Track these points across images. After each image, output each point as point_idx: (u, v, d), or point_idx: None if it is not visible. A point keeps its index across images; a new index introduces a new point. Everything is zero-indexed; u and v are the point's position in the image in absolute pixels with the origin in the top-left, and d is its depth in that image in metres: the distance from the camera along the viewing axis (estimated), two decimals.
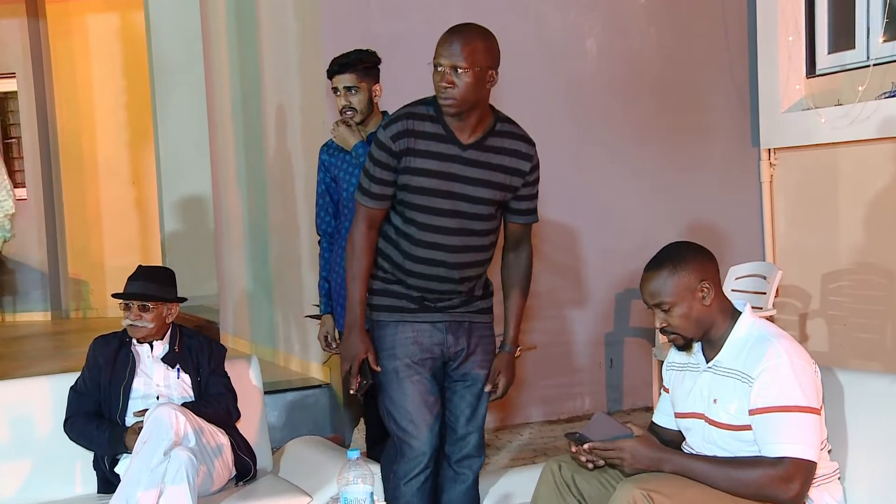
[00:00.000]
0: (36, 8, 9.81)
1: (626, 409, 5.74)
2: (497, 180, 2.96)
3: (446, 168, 2.91)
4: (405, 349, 3.01)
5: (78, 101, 9.92)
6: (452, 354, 3.07)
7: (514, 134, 3.01)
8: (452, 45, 2.84)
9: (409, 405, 2.99)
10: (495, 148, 2.95)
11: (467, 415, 3.10)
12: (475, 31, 2.88)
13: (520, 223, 3.11)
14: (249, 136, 6.64)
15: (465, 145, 2.92)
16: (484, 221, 3.00)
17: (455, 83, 2.82)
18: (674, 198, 5.84)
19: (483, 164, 2.93)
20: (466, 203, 2.94)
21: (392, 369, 3.01)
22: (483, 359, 3.10)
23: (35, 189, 10.00)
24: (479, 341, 3.10)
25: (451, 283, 3.02)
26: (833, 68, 5.45)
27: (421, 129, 2.91)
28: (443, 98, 2.85)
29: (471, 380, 3.10)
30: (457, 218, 2.94)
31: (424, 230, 2.95)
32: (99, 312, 9.87)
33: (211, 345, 3.73)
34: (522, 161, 3.00)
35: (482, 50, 2.85)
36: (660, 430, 2.82)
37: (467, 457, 3.12)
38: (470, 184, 2.92)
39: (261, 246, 6.52)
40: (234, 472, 3.53)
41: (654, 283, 2.61)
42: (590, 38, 5.70)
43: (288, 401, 5.33)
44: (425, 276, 2.99)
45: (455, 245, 2.97)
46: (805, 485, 2.46)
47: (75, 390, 3.55)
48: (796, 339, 2.63)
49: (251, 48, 6.43)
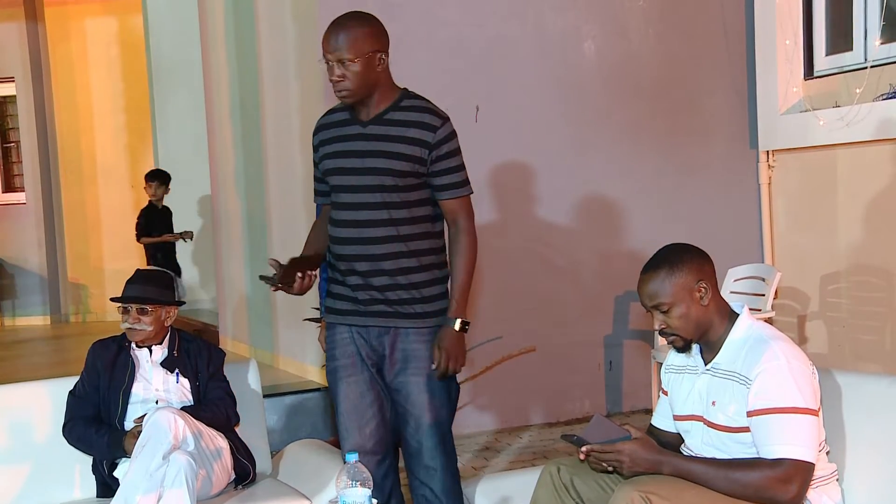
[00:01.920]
0: (35, 12, 9.82)
1: (626, 411, 5.74)
2: (397, 150, 2.96)
3: (349, 147, 3.01)
4: (343, 349, 3.08)
5: (77, 105, 9.93)
6: (377, 360, 3.07)
7: (421, 108, 3.02)
8: (336, 38, 2.89)
9: (342, 406, 3.08)
10: (396, 121, 2.99)
11: (411, 425, 3.05)
12: (356, 20, 2.93)
13: (445, 199, 3.06)
14: (248, 139, 6.65)
15: (366, 122, 3.00)
16: (388, 193, 2.98)
17: (345, 75, 2.89)
18: (672, 200, 5.85)
19: (382, 137, 2.98)
20: (363, 176, 2.98)
21: (332, 370, 3.11)
22: (416, 366, 3.03)
23: (34, 193, 10.00)
24: (409, 349, 3.03)
25: (369, 262, 3.00)
26: (831, 70, 5.46)
27: (331, 120, 3.09)
28: (337, 91, 2.93)
29: (401, 389, 3.04)
30: (362, 193, 2.99)
31: (338, 209, 3.04)
32: (98, 316, 9.87)
33: (210, 349, 3.73)
34: (426, 131, 2.97)
35: (364, 37, 2.90)
36: (658, 433, 2.82)
37: (425, 467, 3.07)
38: (367, 156, 2.98)
39: (260, 249, 6.52)
40: (234, 476, 3.52)
41: (652, 284, 2.61)
42: (588, 39, 5.71)
43: (287, 404, 5.34)
44: (345, 256, 3.03)
45: (362, 220, 3.00)
46: (803, 486, 2.46)
47: (74, 395, 3.55)
48: (795, 342, 2.63)
49: (249, 51, 6.44)
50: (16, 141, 10.23)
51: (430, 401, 3.04)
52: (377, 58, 2.92)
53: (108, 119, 9.88)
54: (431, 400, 3.04)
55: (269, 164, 6.30)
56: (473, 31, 5.43)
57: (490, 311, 5.41)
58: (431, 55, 5.33)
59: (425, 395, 3.03)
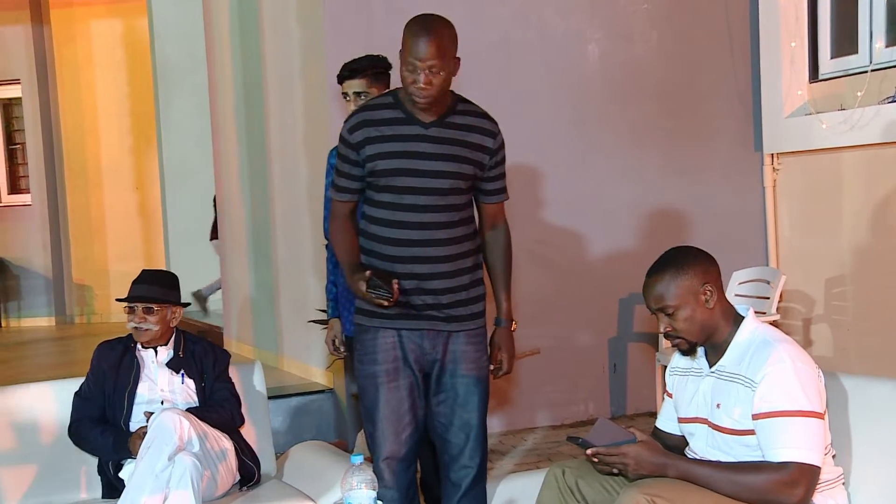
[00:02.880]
0: (41, 14, 9.85)
1: (630, 413, 5.73)
2: (463, 154, 2.99)
3: (411, 147, 2.96)
4: (385, 354, 3.03)
5: (82, 107, 9.95)
6: (428, 364, 3.05)
7: (477, 112, 3.07)
8: (427, 46, 2.86)
9: (382, 412, 3.03)
10: (458, 125, 3.00)
11: (456, 425, 3.08)
12: (445, 27, 2.94)
13: (493, 203, 3.14)
14: (253, 142, 6.65)
15: (428, 124, 2.98)
16: (450, 196, 2.99)
17: (432, 82, 2.88)
18: (677, 203, 5.84)
19: (447, 140, 2.97)
20: (433, 179, 2.97)
21: (371, 374, 3.05)
22: (466, 367, 3.06)
23: (39, 195, 10.02)
24: (459, 350, 3.06)
25: (429, 264, 2.99)
26: (836, 73, 5.45)
27: (379, 116, 2.99)
28: (419, 96, 2.91)
29: (451, 390, 3.06)
30: (423, 195, 2.97)
31: (395, 210, 2.99)
32: (103, 318, 9.89)
33: (215, 350, 3.74)
34: (486, 137, 3.04)
35: (451, 44, 2.93)
36: (663, 436, 2.81)
37: (462, 467, 3.10)
38: (435, 159, 2.96)
39: (264, 251, 6.53)
40: (238, 477, 3.53)
41: (657, 287, 2.61)
42: (591, 43, 5.71)
43: (291, 406, 5.34)
44: (403, 258, 2.99)
45: (423, 222, 2.98)
46: (809, 490, 2.45)
47: (80, 395, 3.56)
48: (800, 345, 2.63)
49: (254, 54, 6.45)
50: (21, 143, 10.25)
51: (478, 402, 3.09)
52: (456, 62, 2.95)
53: (113, 121, 9.90)
54: (478, 401, 3.09)
55: (274, 165, 6.30)
56: (477, 34, 5.42)
57: (493, 313, 5.40)
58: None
59: (475, 397, 3.08)
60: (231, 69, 6.90)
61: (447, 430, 3.08)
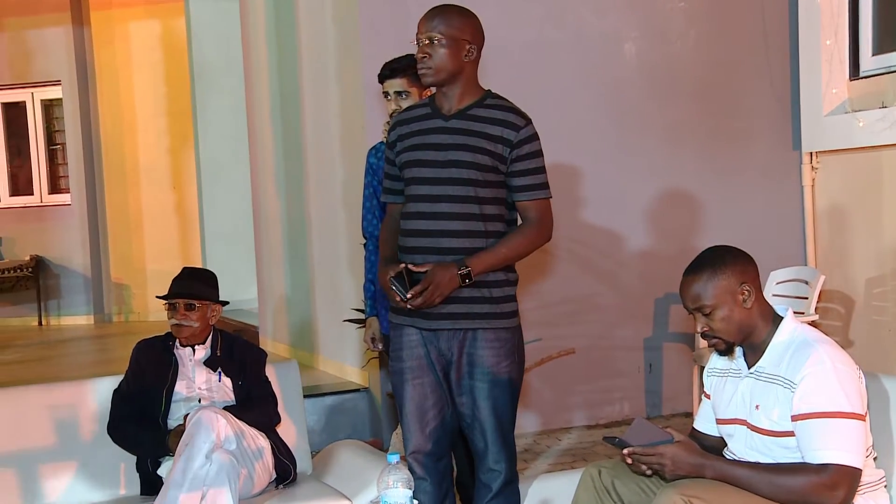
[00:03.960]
0: (81, 16, 9.95)
1: (666, 414, 5.70)
2: (478, 145, 2.95)
3: (430, 140, 3.00)
4: (410, 351, 3.05)
5: (120, 108, 10.05)
6: (445, 365, 3.03)
7: (505, 106, 3.02)
8: (430, 19, 2.97)
9: (407, 407, 3.07)
10: (480, 117, 2.98)
11: (477, 429, 3.04)
12: (453, 8, 3.03)
13: (521, 199, 3.02)
14: (288, 141, 6.69)
15: (449, 116, 3.00)
16: (463, 186, 2.94)
17: (430, 53, 2.94)
18: (714, 202, 5.79)
19: (464, 131, 2.97)
20: (444, 168, 2.96)
21: (398, 370, 3.09)
22: (482, 371, 2.99)
23: (78, 194, 10.13)
24: (476, 354, 2.98)
25: (436, 255, 2.93)
26: (877, 70, 5.37)
27: (411, 115, 3.08)
28: (420, 68, 2.98)
29: (468, 393, 3.01)
30: (437, 185, 2.97)
31: (413, 201, 3.02)
32: (140, 316, 9.98)
33: (252, 349, 3.77)
34: (509, 130, 2.96)
35: (458, 24, 2.98)
36: (701, 437, 2.79)
37: (489, 470, 3.07)
38: (449, 149, 2.96)
39: (300, 251, 6.56)
40: (275, 476, 3.55)
41: (695, 286, 2.59)
42: (628, 42, 5.68)
43: (327, 405, 5.36)
44: (417, 249, 2.97)
45: (434, 212, 2.96)
46: (850, 493, 2.42)
47: (119, 393, 3.59)
48: (839, 346, 2.59)
49: (290, 54, 6.48)
50: (61, 143, 10.37)
51: (495, 406, 3.01)
52: (466, 47, 2.97)
53: (151, 121, 9.98)
54: (496, 405, 3.01)
55: (309, 165, 6.33)
56: (514, 34, 5.42)
57: (530, 313, 5.38)
58: None
59: (490, 401, 3.00)
60: (267, 69, 6.94)
61: (470, 430, 3.08)
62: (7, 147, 10.47)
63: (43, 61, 10.09)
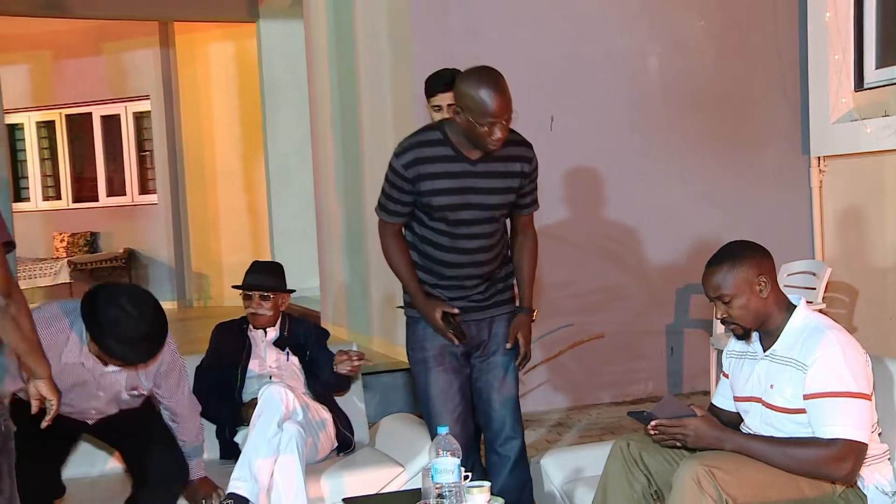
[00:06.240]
0: (167, 39, 10.07)
1: (686, 392, 5.64)
2: (507, 185, 2.98)
3: (462, 184, 2.93)
4: (433, 342, 3.05)
5: (200, 119, 10.16)
6: (476, 345, 3.08)
7: (514, 141, 2.99)
8: (502, 102, 2.79)
9: (434, 392, 3.04)
10: (500, 157, 2.95)
11: (497, 399, 3.08)
12: (502, 79, 2.84)
13: (524, 214, 3.13)
14: (347, 148, 6.71)
15: (475, 161, 2.93)
16: (497, 223, 3.04)
17: (505, 132, 2.84)
18: (730, 202, 5.72)
19: (494, 174, 2.95)
20: (483, 211, 2.97)
21: (421, 360, 3.07)
22: (505, 347, 3.09)
23: (164, 195, 10.27)
24: (499, 333, 3.10)
25: (477, 280, 3.05)
26: (880, 82, 5.26)
27: (431, 154, 2.91)
28: (495, 146, 2.86)
29: (494, 365, 3.09)
30: (476, 225, 2.98)
31: (446, 236, 2.98)
32: (217, 301, 10.09)
33: (316, 329, 3.80)
34: (524, 164, 3.01)
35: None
36: (719, 412, 2.76)
37: (507, 439, 3.08)
38: (484, 193, 2.95)
39: (357, 244, 6.58)
40: (336, 444, 3.57)
41: (716, 277, 2.56)
42: (652, 56, 5.62)
43: (382, 382, 5.36)
44: (456, 277, 3.02)
45: (476, 247, 3.00)
46: (857, 464, 2.39)
47: (200, 370, 3.63)
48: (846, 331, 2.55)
49: (349, 69, 6.49)
50: (150, 150, 10.52)
51: (514, 379, 3.12)
52: None
53: (227, 131, 10.07)
54: (514, 378, 3.12)
55: (366, 169, 6.34)
56: (548, 49, 5.39)
57: (563, 301, 5.37)
58: (510, 71, 5.24)
59: (512, 373, 3.11)
60: (328, 84, 6.96)
61: (488, 407, 3.08)
62: (105, 154, 10.66)
63: (135, 79, 10.23)
